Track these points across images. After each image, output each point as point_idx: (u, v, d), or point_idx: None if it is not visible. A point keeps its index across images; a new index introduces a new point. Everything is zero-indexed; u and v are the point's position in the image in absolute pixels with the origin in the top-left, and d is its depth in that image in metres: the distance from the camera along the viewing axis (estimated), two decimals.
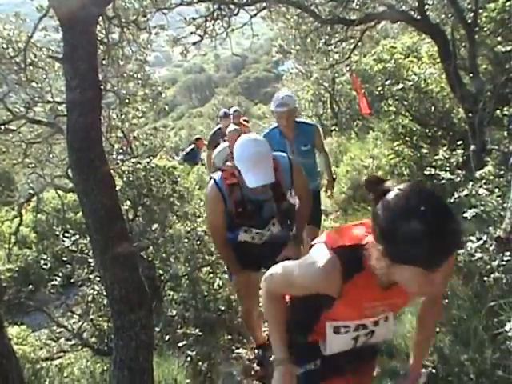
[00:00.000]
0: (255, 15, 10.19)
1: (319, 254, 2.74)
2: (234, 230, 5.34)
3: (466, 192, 5.37)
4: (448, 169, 6.59)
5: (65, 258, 7.72)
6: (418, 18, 8.48)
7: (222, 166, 6.38)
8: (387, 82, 9.35)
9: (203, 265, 7.71)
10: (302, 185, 5.41)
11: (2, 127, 11.56)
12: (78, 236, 7.68)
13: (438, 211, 2.25)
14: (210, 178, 5.23)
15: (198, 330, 6.71)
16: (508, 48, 8.25)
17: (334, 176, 8.33)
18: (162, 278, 7.70)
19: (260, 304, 5.90)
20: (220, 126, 12.07)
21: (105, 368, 6.53)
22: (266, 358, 6.28)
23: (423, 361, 3.52)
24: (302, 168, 5.40)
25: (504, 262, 4.57)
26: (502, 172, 5.75)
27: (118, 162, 8.99)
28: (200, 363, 6.23)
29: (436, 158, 7.10)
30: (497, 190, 5.30)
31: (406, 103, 8.85)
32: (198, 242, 7.82)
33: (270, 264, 4.04)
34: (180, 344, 6.47)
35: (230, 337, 6.97)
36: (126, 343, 4.37)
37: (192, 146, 17.59)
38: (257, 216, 5.20)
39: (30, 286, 8.98)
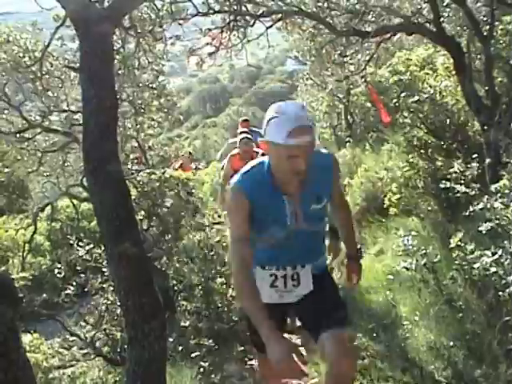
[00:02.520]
0: (271, 26, 10.19)
1: None
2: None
3: (481, 205, 5.33)
4: (463, 182, 6.55)
5: (79, 267, 7.75)
6: (434, 30, 8.47)
7: None
8: (402, 94, 9.32)
9: (217, 275, 7.70)
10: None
11: (18, 135, 11.62)
12: (92, 245, 7.70)
13: None
14: None
15: (211, 341, 6.70)
16: None
17: (361, 250, 4.73)
18: (176, 288, 7.70)
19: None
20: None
21: (117, 378, 6.53)
22: None
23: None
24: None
25: None
26: None
27: (133, 172, 9.01)
28: (213, 375, 6.22)
29: (451, 170, 7.06)
30: None
31: (421, 115, 8.82)
32: (212, 253, 7.81)
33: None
34: (193, 355, 6.47)
35: (242, 348, 6.94)
36: (139, 354, 4.37)
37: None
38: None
39: (44, 295, 9.00)
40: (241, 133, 11.46)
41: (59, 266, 9.48)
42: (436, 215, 8.24)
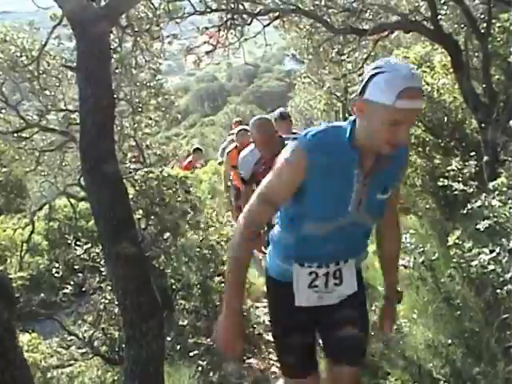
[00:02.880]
0: (268, 25, 10.21)
1: None
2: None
3: (478, 203, 5.33)
4: (461, 180, 6.56)
5: (76, 267, 7.74)
6: (431, 28, 8.47)
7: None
8: None
9: (215, 274, 7.70)
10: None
11: (15, 135, 11.60)
12: (89, 245, 7.70)
13: None
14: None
15: (209, 340, 6.70)
16: None
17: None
18: (174, 287, 7.70)
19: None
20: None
21: (115, 378, 6.52)
22: None
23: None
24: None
25: None
26: None
27: (131, 170, 9.00)
28: (211, 373, 6.22)
29: (449, 168, 7.06)
30: (510, 201, 5.26)
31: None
32: (210, 252, 7.81)
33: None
34: (191, 354, 6.46)
35: None
36: (137, 353, 4.37)
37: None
38: None
39: (42, 294, 8.98)
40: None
41: (57, 265, 9.48)
42: (434, 213, 8.25)
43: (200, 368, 6.23)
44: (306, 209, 3.05)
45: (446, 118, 8.72)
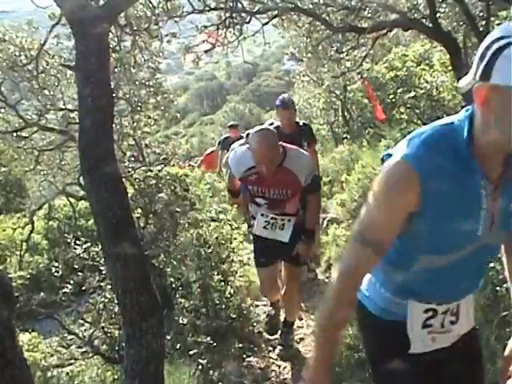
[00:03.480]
0: (267, 23, 10.21)
1: None
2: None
3: None
4: None
5: (76, 266, 7.73)
6: (430, 25, 8.47)
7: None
8: (399, 90, 9.32)
9: (214, 272, 7.69)
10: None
11: (14, 134, 11.59)
12: (89, 244, 7.69)
13: None
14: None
15: (209, 339, 6.69)
16: None
17: None
18: (173, 285, 7.69)
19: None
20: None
21: (115, 377, 6.51)
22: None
23: None
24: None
25: None
26: None
27: (130, 169, 8.99)
28: (211, 372, 6.21)
29: None
30: None
31: (417, 111, 8.83)
32: (209, 250, 7.79)
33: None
34: (191, 352, 6.45)
35: (241, 345, 6.94)
36: (137, 352, 4.36)
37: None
38: None
39: (42, 294, 8.98)
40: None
41: (57, 264, 9.47)
42: None
43: (200, 366, 6.23)
44: (421, 241, 2.37)
45: (445, 116, 8.73)
